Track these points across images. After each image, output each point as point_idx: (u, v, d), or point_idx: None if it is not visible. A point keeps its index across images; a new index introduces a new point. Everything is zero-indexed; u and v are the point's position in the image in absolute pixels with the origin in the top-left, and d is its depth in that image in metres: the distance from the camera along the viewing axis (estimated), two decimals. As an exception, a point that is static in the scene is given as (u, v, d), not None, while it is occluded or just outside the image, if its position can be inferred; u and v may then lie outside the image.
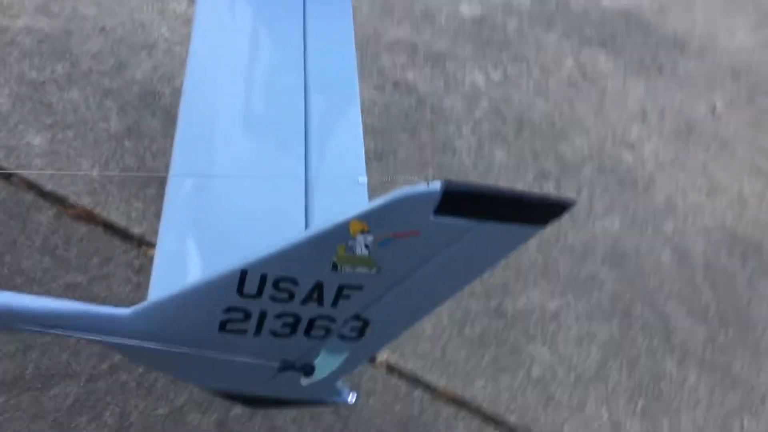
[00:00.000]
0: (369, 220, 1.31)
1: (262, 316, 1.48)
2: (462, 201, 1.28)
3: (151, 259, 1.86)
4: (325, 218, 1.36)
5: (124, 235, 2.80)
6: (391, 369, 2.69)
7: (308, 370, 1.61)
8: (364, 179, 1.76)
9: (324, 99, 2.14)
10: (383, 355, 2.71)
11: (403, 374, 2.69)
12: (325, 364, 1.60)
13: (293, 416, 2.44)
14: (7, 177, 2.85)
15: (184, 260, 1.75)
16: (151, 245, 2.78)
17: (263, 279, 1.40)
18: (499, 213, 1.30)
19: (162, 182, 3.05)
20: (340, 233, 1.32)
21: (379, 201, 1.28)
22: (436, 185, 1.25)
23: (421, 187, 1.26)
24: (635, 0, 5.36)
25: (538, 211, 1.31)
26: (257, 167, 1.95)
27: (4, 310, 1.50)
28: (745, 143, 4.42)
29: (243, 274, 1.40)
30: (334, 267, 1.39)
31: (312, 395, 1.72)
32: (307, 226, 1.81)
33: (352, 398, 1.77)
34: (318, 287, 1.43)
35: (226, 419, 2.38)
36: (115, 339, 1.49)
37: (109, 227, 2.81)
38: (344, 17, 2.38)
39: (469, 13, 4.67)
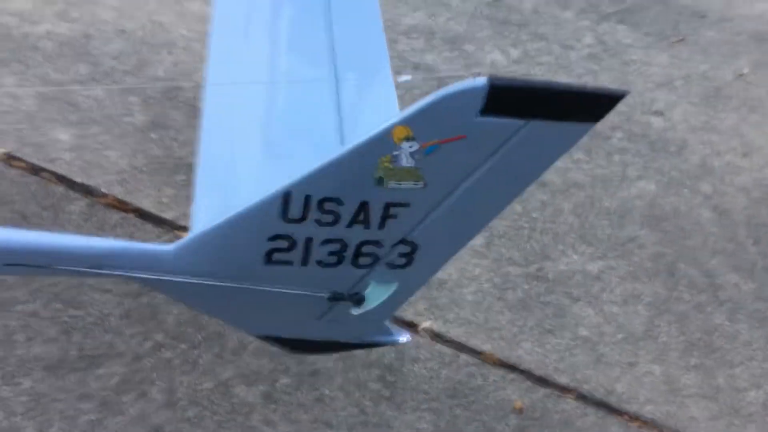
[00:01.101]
0: (413, 124, 1.27)
1: (308, 243, 1.43)
2: (509, 98, 1.24)
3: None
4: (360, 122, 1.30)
5: (157, 220, 2.79)
6: (435, 336, 2.63)
7: (359, 300, 1.55)
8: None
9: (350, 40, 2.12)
10: (426, 323, 2.66)
11: (447, 340, 2.63)
12: (376, 294, 1.54)
13: (340, 384, 2.39)
14: (37, 171, 2.86)
15: (224, 188, 1.71)
16: (185, 229, 2.76)
17: (307, 200, 1.36)
18: (549, 109, 1.26)
19: (191, 168, 3.05)
20: (383, 142, 1.28)
21: (421, 102, 1.24)
22: (482, 80, 1.22)
23: (465, 83, 1.22)
24: (649, -25, 5.31)
25: (589, 105, 1.26)
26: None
27: (44, 250, 1.47)
28: (776, 104, 4.33)
29: (286, 196, 1.36)
30: (380, 182, 1.34)
31: (363, 336, 1.67)
32: (342, 132, 1.77)
33: (405, 338, 1.71)
34: (364, 207, 1.39)
35: (272, 390, 2.33)
36: (158, 276, 1.46)
37: (141, 214, 2.80)
38: None
39: (484, -4, 4.65)
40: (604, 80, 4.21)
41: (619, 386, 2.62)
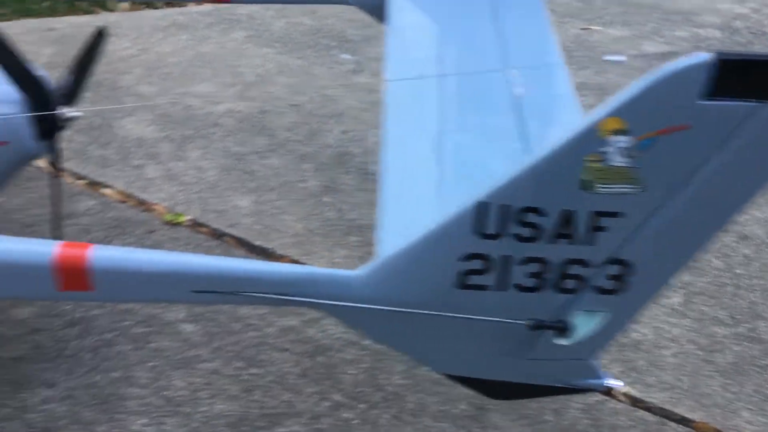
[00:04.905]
0: (625, 114, 1.11)
1: (506, 263, 1.29)
2: (740, 76, 1.06)
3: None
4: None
5: (332, 280, 2.75)
6: (634, 401, 2.35)
7: (564, 329, 1.36)
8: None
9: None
10: (624, 387, 2.39)
11: (649, 407, 2.34)
12: (585, 323, 1.35)
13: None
14: (219, 236, 2.93)
15: (408, 207, 1.59)
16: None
17: (505, 212, 1.23)
18: None
19: (362, 230, 3.02)
20: (589, 138, 1.13)
21: (634, 87, 1.08)
22: (708, 56, 1.05)
23: (688, 60, 1.06)
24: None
25: None
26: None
27: (231, 276, 1.42)
28: None
29: (482, 208, 1.23)
30: (586, 186, 1.18)
31: (568, 378, 1.47)
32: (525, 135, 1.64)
33: (616, 383, 1.49)
34: (568, 217, 1.22)
35: (456, 456, 2.15)
36: (343, 304, 1.36)
37: (316, 274, 2.77)
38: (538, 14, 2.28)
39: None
40: None
41: None
